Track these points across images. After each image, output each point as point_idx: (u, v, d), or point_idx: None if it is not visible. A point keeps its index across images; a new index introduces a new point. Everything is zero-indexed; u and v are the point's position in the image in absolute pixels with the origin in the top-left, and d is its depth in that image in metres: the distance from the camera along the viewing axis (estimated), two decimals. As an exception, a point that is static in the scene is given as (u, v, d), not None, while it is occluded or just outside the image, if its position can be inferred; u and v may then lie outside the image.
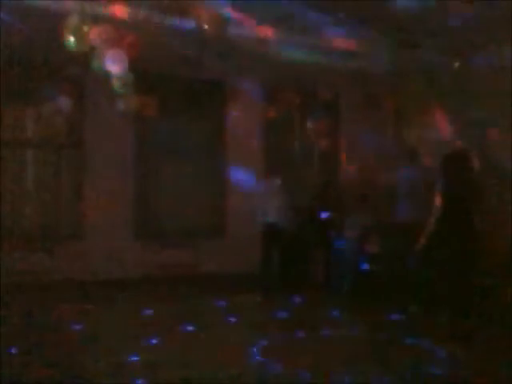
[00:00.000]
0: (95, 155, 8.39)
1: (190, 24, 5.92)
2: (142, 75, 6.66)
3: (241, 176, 9.12)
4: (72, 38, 5.41)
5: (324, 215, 8.27)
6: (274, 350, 5.14)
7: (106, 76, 6.15)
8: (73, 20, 5.39)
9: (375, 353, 5.12)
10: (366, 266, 7.42)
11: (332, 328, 5.95)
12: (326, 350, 5.24)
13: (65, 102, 7.92)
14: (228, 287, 7.99)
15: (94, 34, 5.51)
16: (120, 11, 6.21)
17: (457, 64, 7.23)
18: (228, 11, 5.96)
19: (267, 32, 6.94)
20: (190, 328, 5.88)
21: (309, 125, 8.91)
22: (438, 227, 5.49)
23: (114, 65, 5.87)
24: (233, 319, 6.35)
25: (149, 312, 6.57)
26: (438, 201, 5.52)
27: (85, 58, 5.84)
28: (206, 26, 5.69)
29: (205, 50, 6.93)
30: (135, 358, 4.82)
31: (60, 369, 4.53)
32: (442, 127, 8.02)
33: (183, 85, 8.84)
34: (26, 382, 4.32)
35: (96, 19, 5.60)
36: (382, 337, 5.62)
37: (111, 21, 5.92)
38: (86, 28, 5.44)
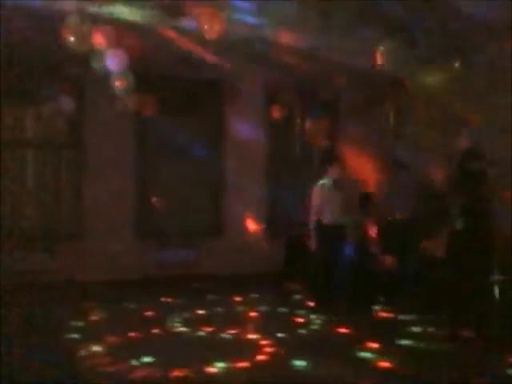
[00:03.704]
0: (95, 155, 8.39)
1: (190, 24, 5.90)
2: (141, 75, 6.65)
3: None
4: (72, 38, 5.39)
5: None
6: None
7: (106, 76, 6.15)
8: (73, 20, 5.39)
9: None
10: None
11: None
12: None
13: (65, 102, 7.92)
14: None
15: (94, 34, 5.50)
16: (120, 11, 6.20)
17: (457, 64, 7.22)
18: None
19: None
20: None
21: (309, 125, 8.90)
22: (457, 227, 5.50)
23: (114, 65, 5.87)
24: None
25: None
26: (452, 200, 5.53)
27: (85, 57, 5.84)
28: (206, 27, 5.67)
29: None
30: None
31: (60, 369, 4.54)
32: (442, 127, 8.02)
33: (183, 85, 8.84)
34: (26, 382, 4.32)
35: (96, 19, 5.59)
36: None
37: (111, 21, 5.91)
38: (86, 28, 5.43)
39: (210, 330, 5.87)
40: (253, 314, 6.78)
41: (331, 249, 6.70)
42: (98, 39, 5.62)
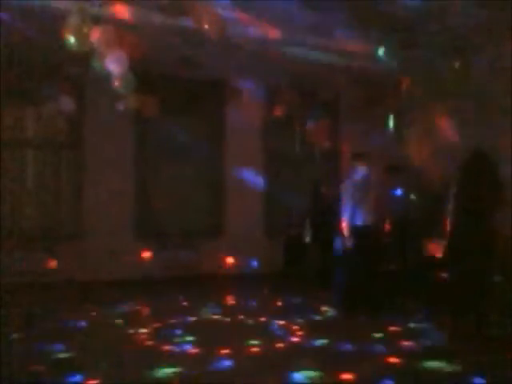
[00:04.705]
0: (95, 155, 8.40)
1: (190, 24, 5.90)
2: (142, 75, 6.66)
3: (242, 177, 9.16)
4: (72, 38, 5.39)
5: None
6: None
7: (106, 76, 6.15)
8: (73, 20, 5.39)
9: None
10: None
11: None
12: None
13: (65, 102, 7.92)
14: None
15: (95, 34, 5.50)
16: (120, 11, 6.20)
17: (457, 64, 7.22)
18: (229, 11, 5.95)
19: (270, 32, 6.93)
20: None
21: (309, 125, 8.90)
22: (457, 229, 5.50)
23: (115, 65, 5.87)
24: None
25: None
26: (455, 202, 5.53)
27: (85, 57, 5.84)
28: (206, 27, 5.67)
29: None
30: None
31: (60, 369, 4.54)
32: (443, 127, 8.01)
33: (183, 85, 8.85)
34: (26, 382, 4.32)
35: (96, 19, 5.60)
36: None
37: (112, 21, 5.91)
38: (86, 28, 5.43)
39: (208, 329, 5.88)
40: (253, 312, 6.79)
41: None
42: (99, 39, 5.62)
